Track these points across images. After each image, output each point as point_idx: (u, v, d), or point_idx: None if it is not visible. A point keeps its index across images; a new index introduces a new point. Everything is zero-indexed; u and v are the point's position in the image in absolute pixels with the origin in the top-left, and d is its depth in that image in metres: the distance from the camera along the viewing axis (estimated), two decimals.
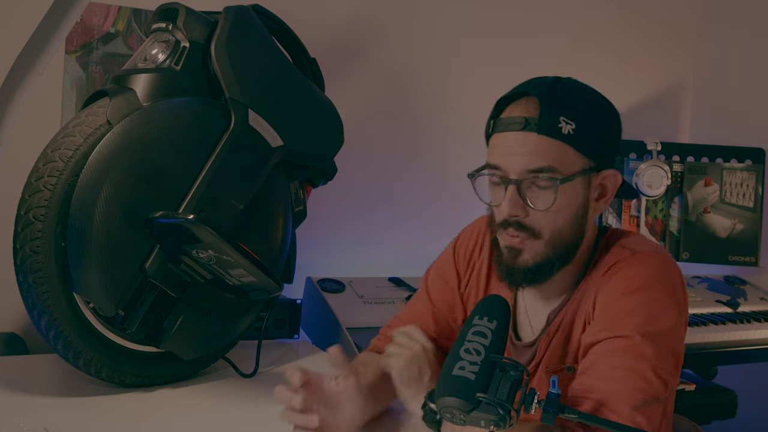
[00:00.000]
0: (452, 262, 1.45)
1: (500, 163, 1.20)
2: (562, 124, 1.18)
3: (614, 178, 1.26)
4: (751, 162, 2.64)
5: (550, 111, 1.18)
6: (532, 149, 1.18)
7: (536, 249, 1.21)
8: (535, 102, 1.19)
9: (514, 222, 1.20)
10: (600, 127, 1.24)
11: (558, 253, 1.22)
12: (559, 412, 0.98)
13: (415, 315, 1.45)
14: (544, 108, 1.18)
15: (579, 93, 1.23)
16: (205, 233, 1.34)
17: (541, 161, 1.17)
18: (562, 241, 1.22)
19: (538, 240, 1.21)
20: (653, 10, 2.88)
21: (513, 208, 1.19)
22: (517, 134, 1.19)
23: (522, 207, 1.19)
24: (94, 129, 1.39)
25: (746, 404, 2.42)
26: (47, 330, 1.38)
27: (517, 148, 1.19)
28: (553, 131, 1.17)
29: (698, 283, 2.57)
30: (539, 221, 1.20)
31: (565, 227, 1.22)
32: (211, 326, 1.56)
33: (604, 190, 1.26)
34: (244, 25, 1.59)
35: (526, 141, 1.18)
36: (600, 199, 1.26)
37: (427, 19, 2.44)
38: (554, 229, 1.21)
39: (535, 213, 1.19)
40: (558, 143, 1.18)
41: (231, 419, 1.39)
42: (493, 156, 1.22)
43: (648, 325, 1.14)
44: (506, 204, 1.19)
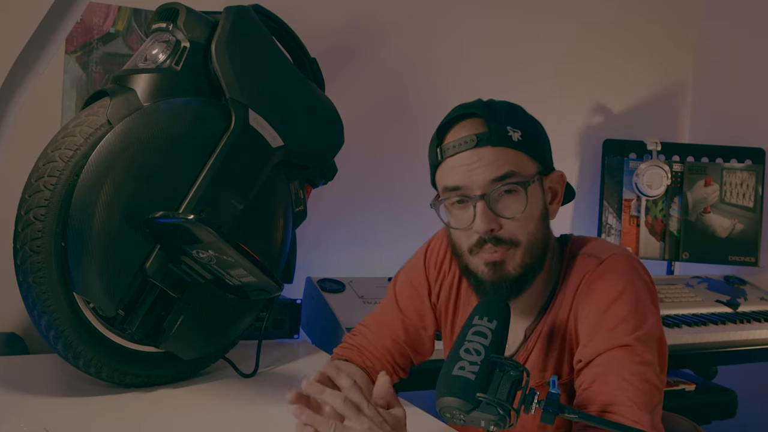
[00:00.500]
0: (422, 271, 1.44)
1: (460, 182, 1.19)
2: (511, 133, 1.19)
3: (561, 178, 1.28)
4: (751, 162, 2.64)
5: (497, 123, 1.19)
6: (490, 161, 1.18)
7: (516, 259, 1.20)
8: (478, 120, 1.20)
9: (490, 238, 1.19)
10: (537, 132, 1.25)
11: (535, 259, 1.22)
12: (559, 412, 0.98)
13: (384, 323, 1.44)
14: (491, 122, 1.19)
15: (510, 106, 1.25)
16: (205, 233, 1.34)
17: (503, 168, 1.18)
18: (536, 245, 1.22)
19: (517, 248, 1.20)
20: (653, 10, 2.88)
21: (488, 223, 1.18)
22: (472, 152, 1.18)
23: (495, 219, 1.18)
24: (95, 129, 1.39)
25: (746, 404, 2.42)
26: (47, 330, 1.38)
27: (476, 163, 1.18)
28: (505, 141, 1.18)
29: (698, 283, 2.57)
30: (514, 230, 1.19)
31: (536, 231, 1.22)
32: (211, 326, 1.56)
33: (555, 192, 1.28)
34: (245, 25, 1.59)
35: (482, 155, 1.18)
36: (553, 201, 1.27)
37: (427, 19, 2.44)
38: (528, 235, 1.20)
39: (508, 223, 1.19)
40: (512, 151, 1.19)
41: (231, 419, 1.39)
42: (450, 177, 1.21)
43: (639, 329, 1.16)
44: (480, 220, 1.18)
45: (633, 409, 1.08)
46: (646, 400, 1.10)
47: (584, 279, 1.23)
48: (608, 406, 1.09)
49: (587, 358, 1.16)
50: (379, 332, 1.44)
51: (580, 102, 2.76)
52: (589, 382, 1.14)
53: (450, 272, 1.41)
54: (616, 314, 1.17)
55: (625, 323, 1.15)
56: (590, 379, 1.14)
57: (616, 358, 1.13)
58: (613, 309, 1.17)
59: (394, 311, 1.44)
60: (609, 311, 1.17)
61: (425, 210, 2.48)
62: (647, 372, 1.12)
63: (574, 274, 1.25)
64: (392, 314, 1.44)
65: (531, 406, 0.99)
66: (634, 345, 1.13)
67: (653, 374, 1.13)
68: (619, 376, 1.11)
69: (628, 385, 1.10)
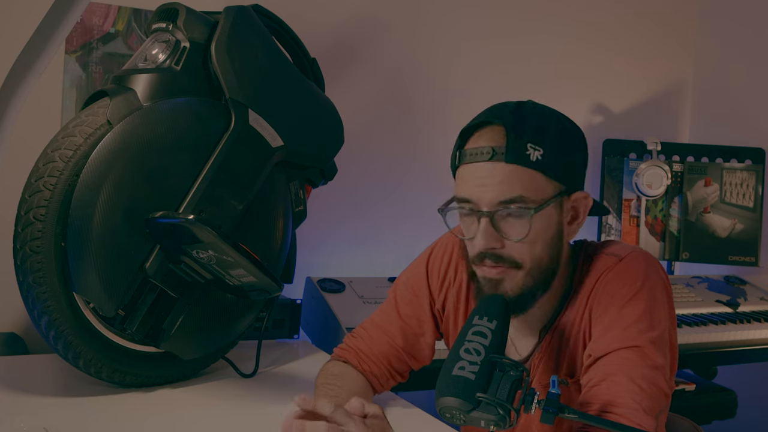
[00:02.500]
0: (425, 279, 1.43)
1: (470, 195, 1.17)
2: (530, 151, 1.15)
3: (585, 200, 1.23)
4: (751, 162, 2.64)
5: (516, 139, 1.14)
6: (501, 179, 1.15)
7: (516, 280, 1.19)
8: (500, 130, 1.16)
9: (490, 255, 1.18)
10: (567, 149, 1.20)
11: (538, 283, 1.20)
12: (559, 412, 0.98)
13: (383, 328, 1.44)
14: (510, 136, 1.15)
15: (544, 117, 1.20)
16: (205, 233, 1.34)
17: (512, 191, 1.15)
18: (541, 269, 1.20)
19: (518, 270, 1.19)
20: (653, 10, 2.88)
21: (488, 241, 1.17)
22: (486, 164, 1.16)
23: (497, 239, 1.17)
24: (95, 129, 1.39)
25: (746, 404, 2.42)
26: (47, 330, 1.38)
27: (487, 179, 1.16)
28: (521, 159, 1.14)
29: (698, 283, 2.57)
30: (517, 251, 1.18)
31: (543, 255, 1.20)
32: (211, 326, 1.56)
33: (576, 213, 1.24)
34: (245, 25, 1.59)
35: (495, 171, 1.15)
36: (573, 222, 1.24)
37: (427, 19, 2.44)
38: (533, 258, 1.18)
39: (510, 243, 1.17)
40: (527, 171, 1.15)
41: (231, 419, 1.39)
42: (463, 188, 1.19)
43: (652, 330, 1.15)
44: (480, 237, 1.17)
45: (638, 412, 1.08)
46: (653, 404, 1.10)
47: (602, 276, 1.22)
48: (614, 406, 1.09)
49: (597, 354, 1.16)
50: (377, 337, 1.43)
51: (580, 102, 2.76)
52: (597, 380, 1.13)
53: (456, 279, 1.39)
54: (632, 312, 1.16)
55: (640, 322, 1.15)
56: (599, 377, 1.13)
57: (626, 359, 1.13)
58: (629, 307, 1.17)
59: (393, 317, 1.44)
60: (625, 308, 1.17)
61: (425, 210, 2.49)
62: (656, 376, 1.12)
63: (591, 273, 1.24)
64: (391, 320, 1.44)
65: (531, 406, 0.99)
66: (646, 347, 1.13)
67: (662, 378, 1.13)
68: (628, 378, 1.10)
69: (636, 387, 1.10)
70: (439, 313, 1.42)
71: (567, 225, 1.23)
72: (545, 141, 1.16)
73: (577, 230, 1.25)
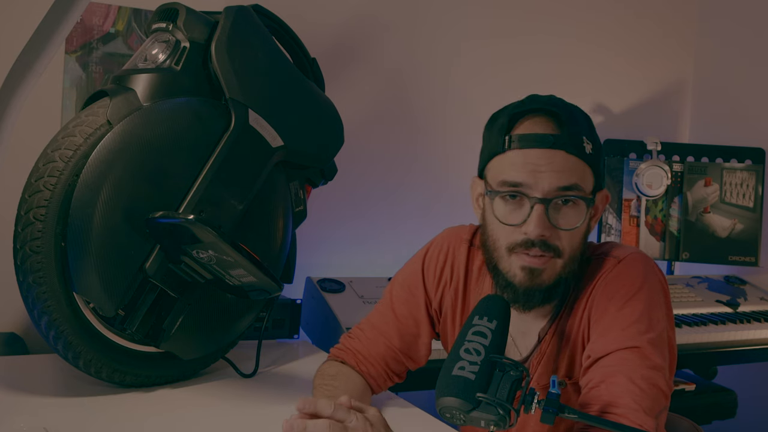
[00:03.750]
0: (420, 279, 1.43)
1: (524, 179, 1.17)
2: (585, 144, 1.17)
3: (605, 198, 1.27)
4: (751, 162, 2.64)
5: (574, 130, 1.16)
6: (560, 167, 1.16)
7: (556, 268, 1.20)
8: (556, 120, 1.18)
9: (539, 242, 1.17)
10: (602, 148, 1.25)
11: (569, 273, 1.22)
12: (559, 412, 0.98)
13: (379, 329, 1.44)
14: (570, 127, 1.16)
15: (585, 115, 1.24)
16: (205, 233, 1.34)
17: (570, 179, 1.16)
18: (575, 259, 1.22)
19: (559, 259, 1.19)
20: (653, 10, 2.88)
21: (542, 228, 1.16)
22: (544, 151, 1.16)
23: (549, 227, 1.17)
24: (95, 129, 1.39)
25: (746, 404, 2.42)
26: (47, 330, 1.38)
27: (545, 166, 1.15)
28: (579, 150, 1.16)
29: (698, 283, 2.57)
30: (563, 241, 1.18)
31: (579, 246, 1.22)
32: (211, 326, 1.56)
33: (596, 210, 1.27)
34: (245, 25, 1.59)
35: (554, 159, 1.16)
36: (593, 218, 1.27)
37: (427, 19, 2.44)
38: (572, 248, 1.20)
39: (558, 233, 1.18)
40: (581, 163, 1.18)
41: (231, 419, 1.39)
42: (512, 172, 1.18)
43: (651, 331, 1.15)
44: (534, 224, 1.16)
45: (638, 413, 1.08)
46: (652, 404, 1.10)
47: (601, 278, 1.22)
48: (614, 407, 1.09)
49: (596, 355, 1.16)
50: (374, 338, 1.43)
51: (580, 102, 2.74)
52: (596, 381, 1.13)
53: (453, 278, 1.39)
54: (630, 313, 1.16)
55: (639, 323, 1.15)
56: (598, 378, 1.13)
57: (625, 360, 1.13)
58: (628, 308, 1.17)
59: (389, 317, 1.44)
60: (623, 310, 1.17)
61: (425, 210, 2.50)
62: (656, 376, 1.12)
63: (590, 274, 1.25)
64: (387, 320, 1.44)
65: (531, 406, 0.99)
66: (645, 347, 1.13)
67: (662, 379, 1.13)
68: (627, 378, 1.10)
69: (636, 388, 1.10)
70: (436, 313, 1.42)
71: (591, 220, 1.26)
72: (593, 136, 1.21)
73: (594, 226, 1.27)
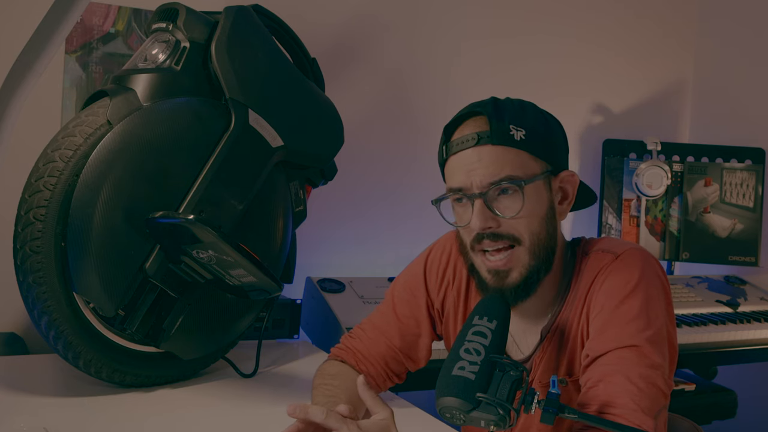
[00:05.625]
0: (422, 280, 1.43)
1: (461, 183, 1.20)
2: (513, 132, 1.19)
3: (572, 178, 1.27)
4: (751, 162, 2.64)
5: (499, 122, 1.19)
6: (490, 161, 1.18)
7: (522, 261, 1.20)
8: (482, 118, 1.20)
9: (488, 234, 1.19)
10: (548, 130, 1.24)
11: (541, 261, 1.22)
12: (559, 412, 0.98)
13: (380, 329, 1.44)
14: (493, 120, 1.19)
15: (520, 104, 1.24)
16: (205, 233, 1.34)
17: (501, 171, 1.18)
18: (541, 245, 1.21)
19: (520, 247, 1.20)
20: (653, 10, 2.88)
21: (484, 221, 1.18)
22: (473, 150, 1.19)
23: (492, 218, 1.19)
24: (95, 129, 1.39)
25: (746, 404, 2.42)
26: (47, 330, 1.38)
27: (475, 163, 1.18)
28: (506, 139, 1.18)
29: (698, 283, 2.57)
30: (515, 228, 1.19)
31: (541, 230, 1.21)
32: (211, 326, 1.56)
33: (565, 192, 1.27)
34: (245, 25, 1.59)
35: (482, 154, 1.18)
36: (563, 201, 1.27)
37: (427, 19, 2.44)
38: (531, 234, 1.20)
39: (506, 221, 1.19)
40: (513, 150, 1.19)
41: (231, 419, 1.39)
42: (453, 178, 1.22)
43: (649, 328, 1.15)
44: (476, 218, 1.18)
45: (637, 413, 1.07)
46: (651, 404, 1.09)
47: (599, 274, 1.22)
48: (612, 407, 1.08)
49: (595, 354, 1.16)
50: (374, 338, 1.43)
51: (580, 102, 2.76)
52: (595, 381, 1.13)
53: (456, 279, 1.40)
54: (628, 311, 1.16)
55: (637, 321, 1.15)
56: (596, 377, 1.13)
57: (624, 359, 1.12)
58: (626, 305, 1.17)
59: (390, 318, 1.44)
60: (621, 307, 1.17)
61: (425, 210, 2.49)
62: (654, 375, 1.12)
63: (588, 270, 1.24)
64: (389, 321, 1.44)
65: (531, 406, 0.99)
66: (643, 346, 1.13)
67: (660, 378, 1.12)
68: (625, 378, 1.10)
69: (634, 387, 1.09)
70: (438, 314, 1.42)
71: (558, 205, 1.26)
72: (526, 122, 1.21)
73: (568, 209, 1.28)
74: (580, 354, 1.23)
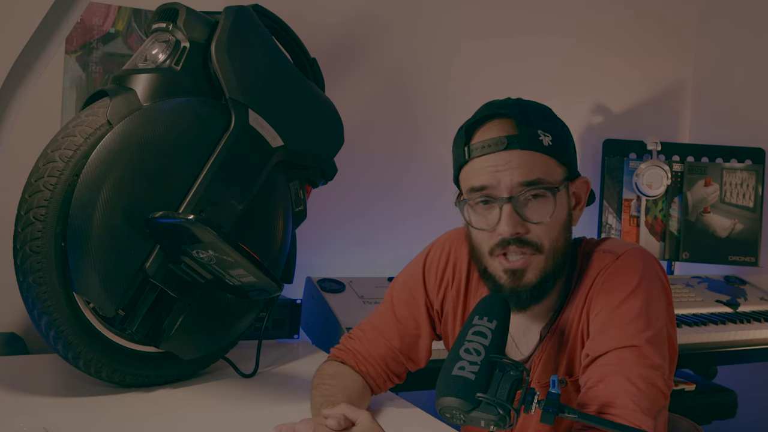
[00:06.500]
0: (421, 280, 1.43)
1: (488, 182, 1.18)
2: (542, 137, 1.17)
3: (585, 185, 1.27)
4: (751, 162, 2.64)
5: (528, 126, 1.17)
6: (519, 164, 1.16)
7: (539, 265, 1.20)
8: (509, 121, 1.18)
9: (515, 240, 1.18)
10: (567, 136, 1.24)
11: (557, 266, 1.22)
12: (558, 412, 0.98)
13: (380, 330, 1.44)
14: (522, 124, 1.17)
15: (541, 108, 1.23)
16: (205, 233, 1.34)
17: (532, 174, 1.16)
18: (558, 252, 1.21)
19: (540, 255, 1.19)
20: (653, 10, 2.88)
21: (513, 226, 1.17)
22: (501, 153, 1.17)
23: (521, 223, 1.17)
24: (95, 129, 1.39)
25: (746, 404, 2.42)
26: (47, 330, 1.38)
27: (504, 165, 1.17)
28: (536, 145, 1.17)
29: (698, 283, 2.57)
30: (539, 235, 1.18)
31: (560, 238, 1.21)
32: (211, 326, 1.56)
33: (578, 198, 1.27)
34: (245, 25, 1.59)
35: (512, 158, 1.17)
36: (576, 207, 1.26)
37: (427, 19, 2.44)
38: (551, 241, 1.20)
39: (533, 227, 1.18)
40: (542, 156, 1.18)
41: (231, 419, 1.39)
42: (476, 178, 1.20)
43: (649, 329, 1.15)
44: (505, 223, 1.17)
45: (636, 413, 1.07)
46: (651, 404, 1.09)
47: (600, 274, 1.22)
48: (611, 408, 1.08)
49: (594, 354, 1.16)
50: (374, 339, 1.43)
51: (580, 102, 2.76)
52: (594, 381, 1.13)
53: (455, 278, 1.39)
54: (629, 311, 1.16)
55: (637, 321, 1.15)
56: (596, 377, 1.13)
57: (623, 359, 1.12)
58: (626, 305, 1.17)
59: (390, 318, 1.44)
60: (622, 307, 1.17)
61: (425, 210, 2.50)
62: (654, 376, 1.12)
63: (589, 270, 1.24)
64: (388, 322, 1.44)
65: (531, 406, 0.99)
66: (643, 346, 1.13)
67: (660, 378, 1.12)
68: (625, 378, 1.10)
69: (634, 388, 1.09)
70: (438, 315, 1.42)
71: (572, 210, 1.26)
72: (551, 127, 1.20)
73: (579, 215, 1.27)
74: (580, 354, 1.23)
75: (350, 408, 1.16)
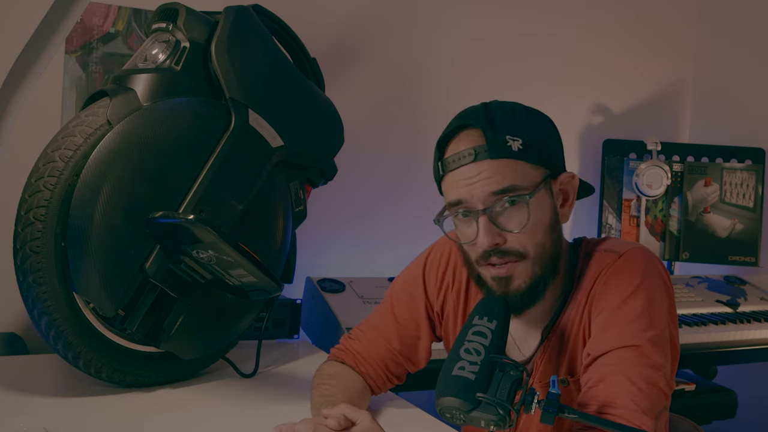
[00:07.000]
0: (421, 282, 1.43)
1: (462, 196, 1.18)
2: (510, 143, 1.17)
3: (572, 180, 1.25)
4: (751, 162, 2.64)
5: (494, 134, 1.16)
6: (490, 174, 1.16)
7: (526, 271, 1.19)
8: (476, 131, 1.18)
9: (495, 251, 1.18)
10: (542, 133, 1.22)
11: (546, 269, 1.21)
12: (559, 412, 0.98)
13: (380, 331, 1.44)
14: (488, 133, 1.16)
15: (511, 109, 1.22)
16: (205, 233, 1.34)
17: (503, 182, 1.16)
18: (546, 254, 1.21)
19: (524, 261, 1.19)
20: (653, 10, 2.88)
21: (491, 238, 1.17)
22: (471, 166, 1.17)
23: (498, 234, 1.17)
24: (95, 129, 1.39)
25: (746, 404, 2.42)
26: (47, 330, 1.38)
27: (476, 177, 1.17)
28: (504, 151, 1.16)
29: (698, 283, 2.57)
30: (520, 242, 1.18)
31: (545, 241, 1.20)
32: (211, 326, 1.56)
33: (566, 194, 1.25)
34: (245, 25, 1.59)
35: (481, 169, 1.16)
36: (564, 204, 1.25)
37: (427, 19, 2.44)
38: (536, 245, 1.19)
39: (512, 236, 1.18)
40: (512, 162, 1.17)
41: (231, 419, 1.39)
42: (452, 193, 1.20)
43: (651, 329, 1.14)
44: (482, 235, 1.17)
45: (637, 413, 1.07)
46: (652, 404, 1.09)
47: (601, 274, 1.22)
48: (612, 408, 1.08)
49: (596, 353, 1.15)
50: (373, 340, 1.43)
51: (580, 102, 2.76)
52: (595, 381, 1.13)
53: (455, 281, 1.39)
54: (630, 311, 1.16)
55: (639, 321, 1.14)
56: (597, 377, 1.13)
57: (624, 359, 1.12)
58: (628, 305, 1.16)
59: (389, 320, 1.44)
60: (623, 307, 1.16)
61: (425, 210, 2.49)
62: (655, 376, 1.11)
63: (591, 270, 1.24)
64: (388, 323, 1.44)
65: (531, 406, 0.99)
66: (645, 346, 1.12)
67: (661, 378, 1.12)
68: (626, 378, 1.10)
69: (635, 388, 1.09)
70: (438, 317, 1.42)
71: (560, 208, 1.24)
72: (520, 130, 1.18)
73: (569, 212, 1.26)
74: (581, 353, 1.22)
75: (350, 408, 1.16)
